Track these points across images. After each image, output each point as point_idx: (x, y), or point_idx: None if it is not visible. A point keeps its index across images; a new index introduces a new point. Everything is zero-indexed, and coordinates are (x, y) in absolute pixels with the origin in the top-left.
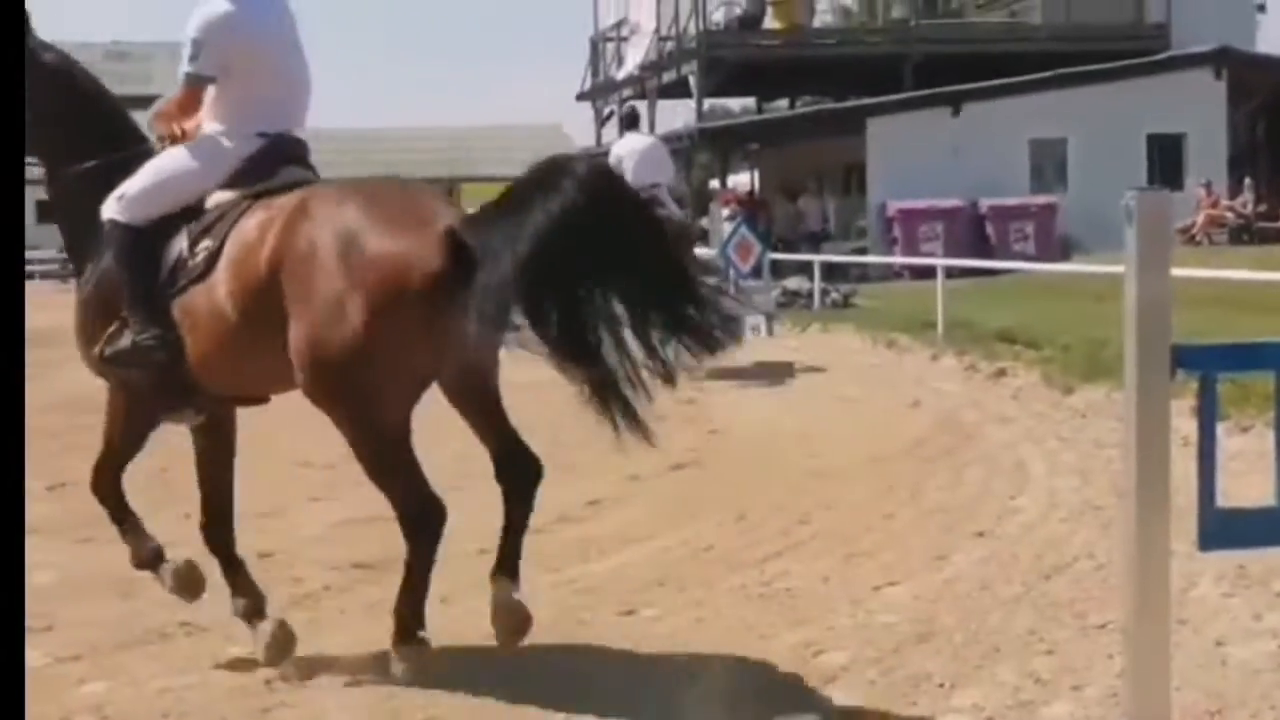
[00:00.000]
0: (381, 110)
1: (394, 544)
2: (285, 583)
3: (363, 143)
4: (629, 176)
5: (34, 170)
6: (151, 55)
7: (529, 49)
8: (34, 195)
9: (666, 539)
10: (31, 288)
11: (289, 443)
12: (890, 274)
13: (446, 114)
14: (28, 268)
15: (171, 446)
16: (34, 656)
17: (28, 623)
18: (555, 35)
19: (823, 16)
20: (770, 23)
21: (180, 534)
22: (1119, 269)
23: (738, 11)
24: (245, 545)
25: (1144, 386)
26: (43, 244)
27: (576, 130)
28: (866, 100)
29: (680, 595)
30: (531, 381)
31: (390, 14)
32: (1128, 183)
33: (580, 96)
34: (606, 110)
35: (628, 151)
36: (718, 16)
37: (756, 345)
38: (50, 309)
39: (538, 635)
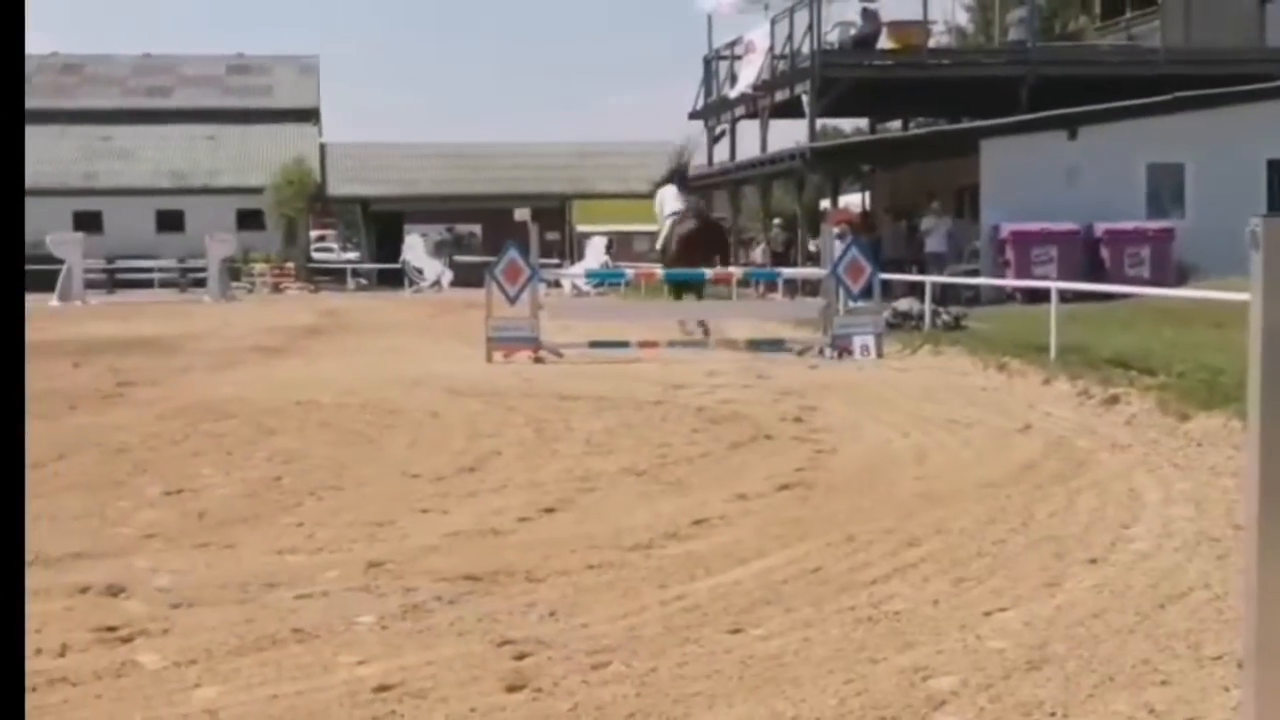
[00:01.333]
0: (499, 127)
1: (506, 556)
2: (397, 592)
3: (480, 159)
4: (665, 205)
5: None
6: (272, 68)
7: (644, 66)
8: (152, 205)
9: (774, 558)
10: (151, 295)
11: (399, 455)
12: (1002, 297)
13: (562, 131)
14: (148, 274)
15: (288, 453)
16: (151, 660)
17: (147, 626)
18: (670, 53)
19: (938, 37)
20: (885, 43)
21: (292, 541)
22: (1237, 296)
23: (852, 32)
24: (356, 555)
25: (1267, 414)
26: (162, 253)
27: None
28: (981, 122)
29: (788, 615)
30: (647, 400)
31: (508, 30)
32: (1247, 209)
33: (694, 115)
34: (719, 129)
35: (666, 194)
36: (832, 36)
37: (865, 366)
38: (173, 317)
39: (647, 652)
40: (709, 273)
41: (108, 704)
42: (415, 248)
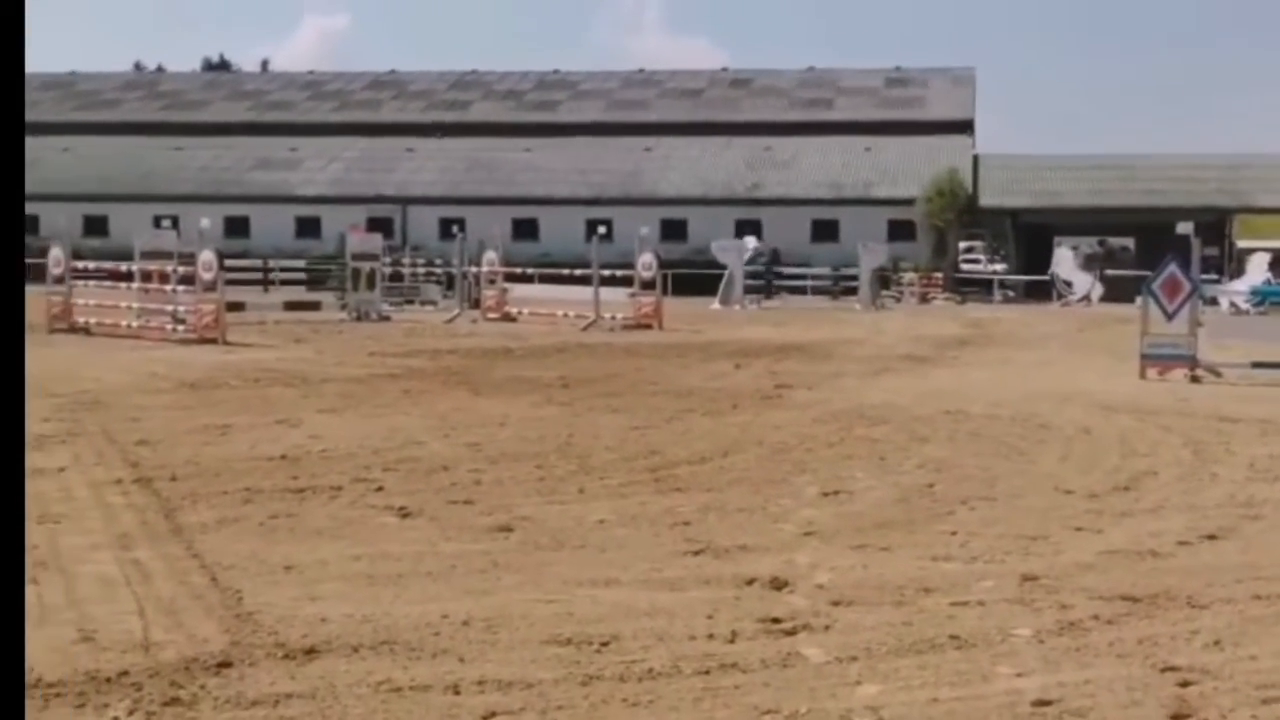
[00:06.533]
0: (1154, 138)
1: (1166, 580)
2: (1052, 608)
3: (1135, 170)
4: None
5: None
6: (927, 80)
7: None
8: (808, 215)
9: None
10: (804, 301)
11: (1050, 469)
12: None
13: (1222, 141)
14: (802, 281)
15: (939, 461)
16: (814, 653)
17: (809, 620)
18: None
19: None
20: None
21: (946, 548)
22: None
23: None
24: (1011, 567)
25: None
26: (816, 260)
27: None
28: None
29: None
30: None
31: (1169, 44)
32: None
33: None
34: None
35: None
36: None
37: None
38: (825, 323)
39: None
40: None
41: (775, 692)
42: (1064, 260)
